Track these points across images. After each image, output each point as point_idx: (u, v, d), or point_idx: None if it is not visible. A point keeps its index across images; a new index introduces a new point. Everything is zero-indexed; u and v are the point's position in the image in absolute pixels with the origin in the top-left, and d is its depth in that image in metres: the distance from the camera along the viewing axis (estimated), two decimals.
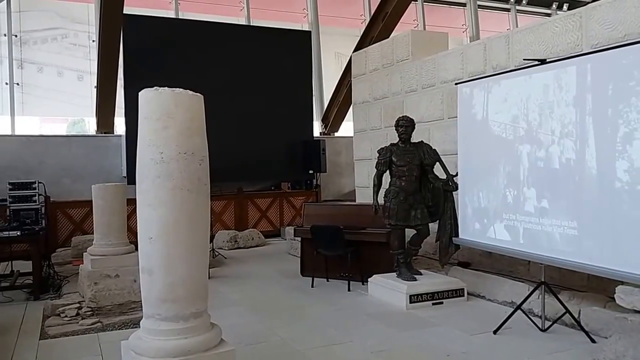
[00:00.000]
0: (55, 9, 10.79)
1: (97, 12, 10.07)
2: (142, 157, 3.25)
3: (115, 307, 5.57)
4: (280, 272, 7.64)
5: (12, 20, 10.33)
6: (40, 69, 10.61)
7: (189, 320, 3.18)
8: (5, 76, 10.26)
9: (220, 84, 9.88)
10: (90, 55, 10.76)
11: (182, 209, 3.18)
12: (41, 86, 10.63)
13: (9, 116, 10.24)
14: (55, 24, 10.74)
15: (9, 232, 6.36)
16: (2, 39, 10.28)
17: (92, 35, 10.75)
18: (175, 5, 11.62)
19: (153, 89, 3.25)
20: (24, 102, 10.45)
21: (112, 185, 6.42)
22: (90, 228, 9.43)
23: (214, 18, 11.56)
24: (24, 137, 10.00)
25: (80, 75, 10.81)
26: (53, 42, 10.72)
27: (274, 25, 12.04)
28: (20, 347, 4.71)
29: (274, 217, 11.59)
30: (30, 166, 9.33)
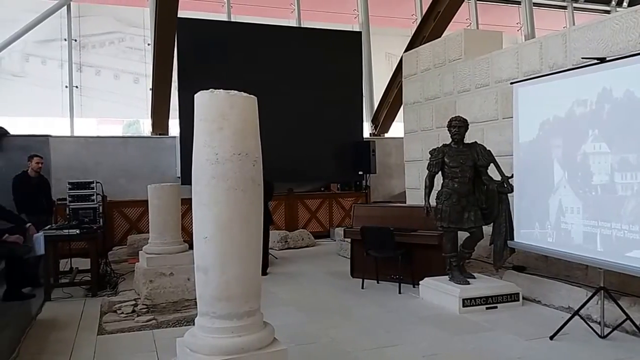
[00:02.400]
0: (112, 14, 11.19)
1: (152, 16, 10.39)
2: (197, 158, 3.30)
3: (169, 304, 5.70)
4: (330, 273, 7.62)
5: (72, 25, 10.78)
6: (97, 71, 11.01)
7: (242, 319, 3.20)
8: (65, 79, 10.70)
9: (271, 86, 9.96)
10: (145, 58, 11.09)
11: (236, 209, 3.21)
12: (98, 88, 11.03)
13: (69, 118, 10.67)
14: (112, 28, 11.14)
15: (69, 230, 6.57)
16: (63, 44, 10.73)
17: (147, 38, 11.09)
18: (227, 8, 11.82)
19: (208, 91, 3.29)
20: (82, 104, 10.88)
21: (168, 186, 6.56)
22: (145, 227, 9.74)
23: (265, 20, 11.71)
24: (82, 138, 10.40)
25: (136, 78, 11.16)
26: (110, 45, 11.12)
27: (324, 26, 12.07)
28: (79, 342, 4.86)
29: (323, 218, 11.60)
30: (88, 166, 9.67)
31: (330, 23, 12.47)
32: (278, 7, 12.42)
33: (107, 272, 7.12)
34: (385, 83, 12.29)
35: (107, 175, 8.96)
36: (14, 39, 10.00)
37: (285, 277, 7.54)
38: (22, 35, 10.04)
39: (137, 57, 11.19)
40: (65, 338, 4.97)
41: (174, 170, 10.46)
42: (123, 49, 11.17)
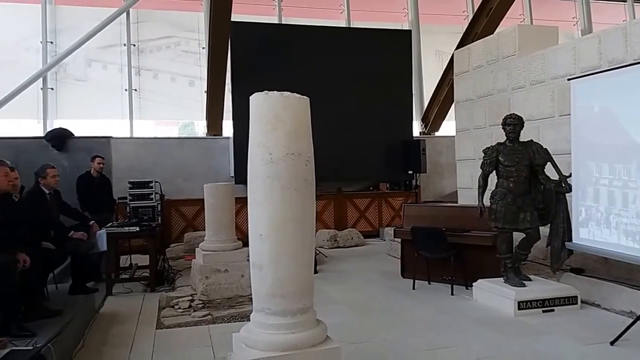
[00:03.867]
0: (168, 19, 11.56)
1: (206, 20, 10.67)
2: (252, 158, 3.39)
3: (224, 300, 5.84)
4: (380, 273, 7.62)
5: (131, 30, 11.21)
6: (155, 75, 11.41)
7: (296, 316, 3.27)
8: (124, 83, 11.14)
9: (321, 86, 10.03)
10: (200, 61, 11.40)
11: (290, 207, 3.28)
12: (156, 91, 11.42)
13: (128, 120, 11.11)
14: (168, 33, 11.51)
15: (129, 227, 6.85)
16: (122, 49, 11.18)
17: (202, 42, 11.40)
18: (278, 10, 11.99)
19: (263, 93, 3.38)
20: (141, 106, 11.30)
21: (223, 185, 6.75)
22: (200, 225, 10.03)
23: (315, 22, 11.81)
24: (141, 139, 10.82)
25: (191, 81, 11.49)
26: (167, 50, 11.49)
27: (374, 25, 12.06)
28: (139, 336, 5.05)
29: (372, 218, 11.58)
30: (146, 166, 10.02)
31: (380, 22, 12.44)
32: (328, 8, 12.50)
33: (165, 269, 7.37)
34: (435, 81, 12.16)
35: (164, 174, 9.27)
36: (78, 46, 10.50)
37: (335, 276, 7.59)
38: (85, 42, 10.52)
39: (192, 60, 11.52)
40: (126, 331, 5.19)
41: (228, 169, 10.71)
42: (179, 53, 11.53)
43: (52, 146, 8.15)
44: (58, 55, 10.62)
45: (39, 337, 3.80)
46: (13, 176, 4.64)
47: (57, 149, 8.17)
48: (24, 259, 4.18)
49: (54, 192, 5.83)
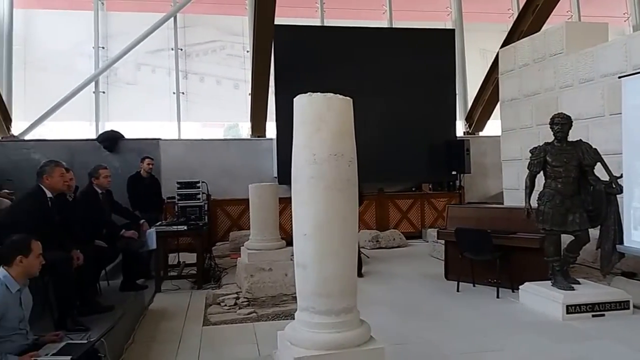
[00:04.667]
0: (214, 23, 11.83)
1: (250, 24, 10.85)
2: (296, 158, 3.45)
3: (268, 298, 5.93)
4: (423, 274, 7.56)
5: (178, 35, 11.52)
6: (201, 78, 11.69)
7: (340, 315, 3.30)
8: (172, 86, 11.47)
9: (364, 86, 10.03)
10: (245, 64, 11.61)
11: (333, 207, 3.32)
12: (202, 94, 11.69)
13: (176, 122, 11.43)
14: (214, 37, 11.77)
15: (177, 226, 7.04)
16: (170, 53, 11.51)
17: (246, 46, 11.61)
18: (320, 13, 12.08)
19: (307, 95, 3.43)
20: (188, 109, 11.60)
21: (267, 185, 6.86)
22: (245, 224, 10.19)
23: (358, 23, 11.82)
24: (188, 141, 11.10)
25: (236, 84, 11.72)
26: (212, 53, 11.76)
27: (416, 25, 11.98)
28: (186, 332, 5.20)
29: (414, 219, 11.49)
30: (193, 167, 10.25)
31: (422, 22, 12.34)
32: (370, 9, 12.49)
33: (212, 267, 7.54)
34: (479, 80, 11.98)
35: (210, 175, 9.45)
36: (128, 50, 10.90)
37: (377, 276, 7.58)
38: (135, 46, 10.91)
39: (237, 63, 11.74)
40: (174, 327, 5.34)
41: (271, 170, 10.84)
42: (224, 57, 11.78)
43: (104, 148, 8.46)
44: (109, 60, 11.04)
45: (92, 331, 3.97)
46: (68, 177, 4.85)
47: (109, 151, 8.47)
48: (78, 256, 4.36)
49: (106, 192, 6.05)
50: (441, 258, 7.56)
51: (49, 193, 4.40)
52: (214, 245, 9.32)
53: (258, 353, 4.56)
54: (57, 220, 4.41)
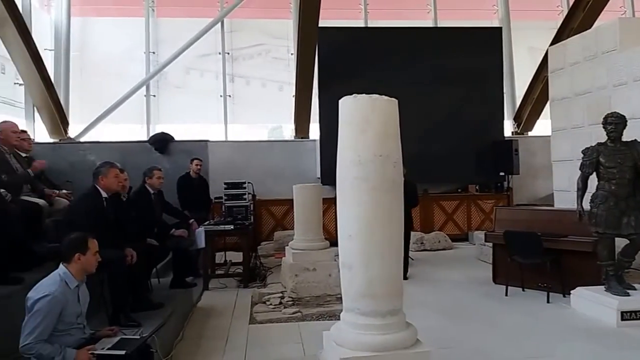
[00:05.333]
0: (259, 27, 12.01)
1: (295, 27, 10.96)
2: (341, 159, 3.47)
3: (312, 298, 5.98)
4: (469, 278, 7.43)
5: (225, 39, 11.76)
6: (247, 81, 11.89)
7: (386, 317, 3.30)
8: (219, 89, 11.71)
9: (409, 87, 9.95)
10: (289, 67, 11.74)
11: (378, 208, 3.32)
12: (248, 97, 11.89)
13: (223, 124, 11.66)
14: (259, 41, 11.95)
15: (224, 226, 7.19)
16: (217, 57, 11.75)
17: (290, 48, 11.73)
18: (364, 14, 12.08)
19: (352, 97, 3.44)
20: (234, 111, 11.81)
21: (311, 186, 6.92)
22: (289, 224, 10.30)
23: (402, 23, 11.74)
24: (235, 142, 11.31)
25: (280, 86, 11.86)
26: (258, 57, 11.95)
27: (461, 24, 11.81)
28: (233, 329, 5.30)
29: (460, 221, 11.31)
30: (239, 168, 10.38)
31: (468, 20, 12.15)
32: (414, 9, 12.40)
33: (257, 266, 7.66)
34: (528, 79, 11.71)
35: (255, 175, 9.55)
36: (177, 55, 11.21)
37: (423, 279, 7.50)
38: (184, 51, 11.22)
39: (282, 66, 11.88)
40: (221, 325, 5.46)
41: (314, 171, 10.91)
42: (269, 60, 11.95)
43: (155, 149, 8.71)
44: (159, 64, 11.39)
45: (144, 327, 4.09)
46: (122, 177, 5.04)
47: (160, 152, 8.72)
48: (132, 254, 4.52)
49: (157, 192, 6.24)
50: (489, 261, 7.42)
51: (104, 193, 4.58)
52: (259, 244, 9.45)
53: (303, 353, 4.60)
54: (111, 220, 4.58)
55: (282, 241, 9.16)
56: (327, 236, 7.07)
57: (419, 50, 10.87)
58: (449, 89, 10.81)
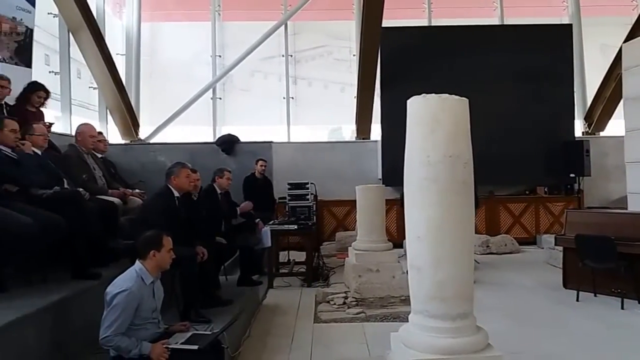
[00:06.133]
0: (321, 29, 12.10)
1: (357, 28, 10.97)
2: (410, 160, 3.43)
3: (376, 299, 5.96)
4: (538, 282, 7.18)
5: (288, 42, 11.93)
6: (310, 83, 12.01)
7: (456, 320, 3.23)
8: (282, 91, 11.89)
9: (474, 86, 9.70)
10: (351, 68, 11.75)
11: (448, 210, 3.25)
12: (310, 98, 12.00)
13: (286, 125, 11.84)
14: (322, 42, 12.03)
15: (288, 225, 7.31)
16: (281, 60, 11.94)
17: (352, 49, 11.74)
18: (428, 12, 11.92)
19: (421, 96, 3.40)
20: (297, 113, 11.96)
21: (374, 187, 6.91)
22: (350, 225, 10.33)
23: (466, 21, 11.50)
24: (297, 143, 11.46)
25: (342, 87, 11.89)
26: (320, 58, 12.04)
27: (529, 21, 11.42)
28: (298, 328, 5.37)
29: (528, 224, 10.94)
30: (301, 169, 10.55)
31: (536, 17, 11.72)
32: (479, 7, 12.11)
33: (320, 265, 7.72)
34: (600, 77, 11.16)
35: (317, 176, 9.63)
36: (242, 58, 11.49)
37: (489, 283, 7.31)
38: (249, 54, 11.48)
39: (344, 67, 11.91)
40: (286, 323, 5.55)
41: (376, 172, 10.86)
42: (331, 61, 12.01)
43: (222, 150, 8.94)
44: (225, 67, 11.69)
45: (213, 323, 4.21)
46: (194, 177, 5.22)
47: (226, 153, 8.95)
48: (203, 252, 4.66)
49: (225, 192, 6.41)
50: (558, 266, 7.15)
51: (176, 192, 4.75)
52: (321, 244, 9.52)
53: (368, 353, 4.60)
54: (183, 218, 4.75)
55: (344, 242, 9.19)
56: (389, 237, 7.03)
57: (485, 49, 10.61)
58: (516, 88, 10.51)
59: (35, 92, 5.60)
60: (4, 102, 5.31)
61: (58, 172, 4.64)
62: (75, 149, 5.48)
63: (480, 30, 11.06)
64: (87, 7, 8.85)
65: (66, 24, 8.94)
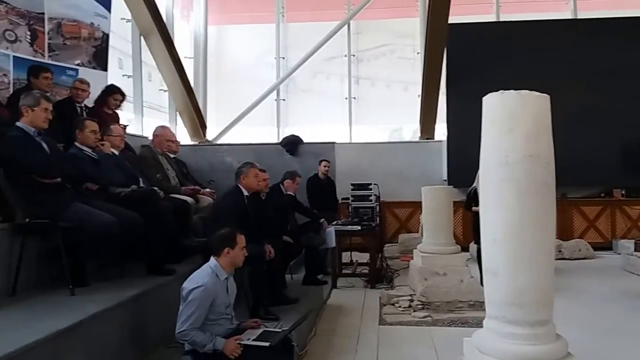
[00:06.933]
0: (385, 27, 12.00)
1: (422, 25, 10.79)
2: (486, 160, 3.31)
3: (443, 304, 5.82)
4: (616, 289, 6.79)
5: (351, 42, 11.89)
6: (372, 83, 11.93)
7: (534, 327, 3.08)
8: (345, 92, 11.89)
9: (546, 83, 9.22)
10: (414, 66, 11.58)
11: (527, 213, 3.11)
12: (372, 98, 11.92)
13: (348, 126, 11.81)
14: (384, 41, 11.94)
15: (352, 226, 7.27)
16: (343, 60, 11.93)
17: (416, 47, 11.57)
18: (496, 8, 11.57)
19: (498, 93, 3.27)
20: (359, 113, 11.92)
21: (441, 188, 6.76)
22: (413, 227, 10.18)
23: (536, 16, 11.06)
24: (359, 144, 11.39)
25: (405, 86, 11.73)
26: (383, 57, 11.94)
27: (605, 15, 10.83)
28: (364, 329, 5.31)
29: (603, 228, 10.37)
30: (363, 169, 10.44)
31: (612, 11, 11.10)
32: (549, 1, 11.63)
33: (383, 267, 7.64)
34: None
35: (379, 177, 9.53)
36: (305, 59, 11.58)
37: (563, 289, 6.91)
38: (311, 55, 11.56)
39: (407, 66, 11.77)
40: (351, 323, 5.50)
41: (440, 173, 10.63)
42: (394, 60, 11.88)
43: (287, 151, 9.02)
44: (289, 69, 11.82)
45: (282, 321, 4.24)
46: (262, 177, 5.30)
47: (290, 154, 9.01)
48: (270, 250, 4.72)
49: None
50: (637, 272, 6.74)
51: (245, 192, 4.84)
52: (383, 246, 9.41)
53: (437, 357, 4.49)
54: (252, 217, 4.83)
55: (407, 244, 9.06)
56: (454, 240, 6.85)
57: (557, 44, 10.14)
58: (591, 84, 9.96)
59: (112, 95, 5.88)
60: (83, 104, 5.58)
61: (134, 172, 4.84)
62: (150, 149, 5.70)
63: (552, 25, 10.57)
64: (158, 12, 9.16)
65: (138, 29, 9.30)
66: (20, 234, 3.66)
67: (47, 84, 5.16)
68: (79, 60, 6.46)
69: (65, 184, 3.85)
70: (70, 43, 6.34)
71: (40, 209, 3.64)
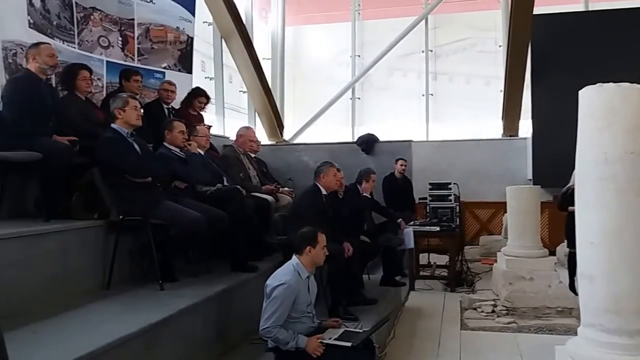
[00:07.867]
0: (464, 21, 11.65)
1: (504, 17, 10.36)
2: (582, 158, 3.13)
3: (529, 309, 5.57)
4: None
5: (429, 37, 11.65)
6: (450, 78, 11.62)
7: (634, 337, 2.89)
8: (422, 88, 11.66)
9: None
10: (496, 60, 11.16)
11: (628, 213, 2.92)
12: (451, 94, 11.61)
13: (425, 123, 11.58)
14: (464, 35, 11.59)
15: (430, 227, 7.11)
16: (420, 56, 11.71)
17: (498, 40, 11.14)
18: None
19: (595, 86, 3.09)
20: (436, 110, 11.65)
21: (527, 188, 6.45)
22: (495, 228, 9.78)
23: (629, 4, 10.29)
24: (436, 142, 11.13)
25: (487, 81, 11.33)
26: (462, 52, 11.60)
27: None
28: (444, 333, 5.18)
29: None
30: (441, 168, 10.17)
31: None
32: None
33: (464, 270, 7.41)
34: None
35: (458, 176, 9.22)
36: (381, 56, 11.47)
37: None
38: (388, 52, 11.42)
39: (488, 60, 11.36)
40: (431, 327, 5.39)
41: (525, 171, 10.15)
42: (474, 54, 11.52)
43: (362, 150, 8.95)
44: (364, 67, 11.76)
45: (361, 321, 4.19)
46: (339, 176, 5.28)
47: (366, 153, 8.92)
48: (348, 248, 4.68)
49: None
50: None
51: (324, 190, 4.85)
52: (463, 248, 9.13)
53: None
54: (330, 215, 4.83)
55: (488, 246, 8.73)
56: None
57: None
58: None
59: (197, 97, 6.09)
60: (170, 106, 5.82)
61: (219, 171, 4.99)
62: (233, 149, 5.88)
63: None
64: (238, 15, 9.39)
65: (219, 31, 9.58)
66: (115, 231, 3.85)
67: (137, 87, 5.42)
68: (165, 63, 6.73)
69: (155, 183, 4.02)
70: (157, 47, 6.62)
71: (133, 207, 3.81)
